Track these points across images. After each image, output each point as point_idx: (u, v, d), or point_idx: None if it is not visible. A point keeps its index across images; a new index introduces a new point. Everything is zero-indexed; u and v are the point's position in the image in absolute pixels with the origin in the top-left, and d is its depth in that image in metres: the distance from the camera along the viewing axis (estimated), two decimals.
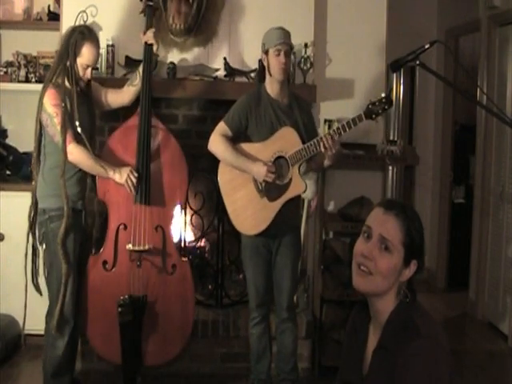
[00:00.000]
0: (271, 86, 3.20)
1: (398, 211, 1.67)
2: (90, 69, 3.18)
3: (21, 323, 3.90)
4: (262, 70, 3.35)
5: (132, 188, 3.23)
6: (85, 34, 3.14)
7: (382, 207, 1.69)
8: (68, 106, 3.09)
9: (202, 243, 4.19)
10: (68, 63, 3.12)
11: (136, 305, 3.21)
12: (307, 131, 3.22)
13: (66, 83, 3.14)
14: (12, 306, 3.86)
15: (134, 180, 3.22)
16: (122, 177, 3.21)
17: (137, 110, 3.39)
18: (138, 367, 3.29)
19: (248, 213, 3.20)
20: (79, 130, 3.12)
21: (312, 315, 3.88)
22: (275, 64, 3.14)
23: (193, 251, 4.13)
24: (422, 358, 1.56)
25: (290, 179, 3.13)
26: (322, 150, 3.03)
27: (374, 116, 3.03)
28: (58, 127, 3.06)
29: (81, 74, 3.15)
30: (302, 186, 3.14)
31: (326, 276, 3.86)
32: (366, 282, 1.67)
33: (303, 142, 3.12)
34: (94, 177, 3.32)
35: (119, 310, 3.15)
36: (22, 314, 3.83)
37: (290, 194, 3.14)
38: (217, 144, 3.20)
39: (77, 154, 3.11)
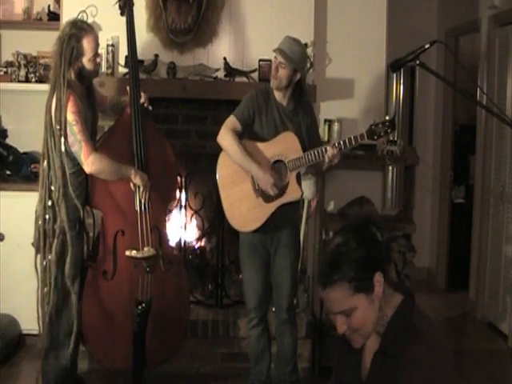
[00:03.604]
0: (275, 90, 3.21)
1: (331, 279, 1.61)
2: (98, 56, 3.11)
3: (21, 323, 3.92)
4: None
5: (146, 195, 3.19)
6: (76, 35, 3.04)
7: (320, 286, 1.65)
8: (83, 111, 3.04)
9: (202, 243, 4.19)
10: (76, 66, 3.05)
11: (146, 310, 3.19)
12: (310, 135, 3.21)
13: (73, 79, 3.09)
14: (12, 306, 3.86)
15: (148, 187, 3.19)
16: (143, 179, 3.17)
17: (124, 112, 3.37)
18: (144, 367, 3.28)
19: (242, 209, 3.20)
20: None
21: (312, 315, 3.89)
22: (272, 68, 3.16)
23: (193, 251, 4.13)
24: (425, 361, 1.56)
25: (287, 184, 3.13)
26: (326, 159, 3.05)
27: (375, 137, 3.03)
28: (78, 136, 2.99)
29: (92, 67, 3.09)
30: (298, 192, 3.15)
31: None
32: (358, 340, 1.68)
33: (304, 148, 3.12)
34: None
35: (138, 320, 3.09)
36: (22, 314, 3.85)
37: (285, 198, 3.14)
38: (226, 138, 3.15)
39: (98, 164, 3.03)
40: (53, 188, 3.06)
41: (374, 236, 1.66)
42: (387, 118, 3.06)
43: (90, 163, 3.02)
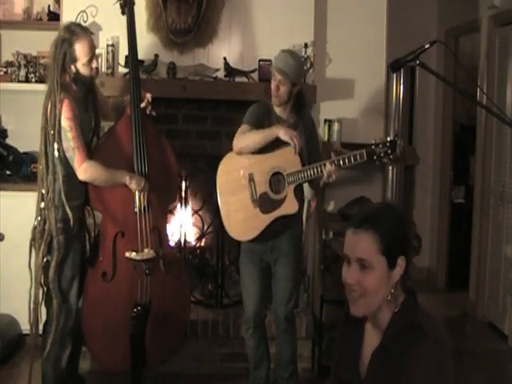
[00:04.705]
0: (275, 105, 3.20)
1: (366, 225, 1.64)
2: (93, 60, 3.08)
3: (21, 323, 3.92)
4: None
5: (144, 197, 3.18)
6: (68, 39, 3.01)
7: (351, 228, 1.67)
8: (78, 115, 3.02)
9: (202, 243, 4.19)
10: (70, 71, 3.03)
11: (144, 312, 3.17)
12: (309, 151, 3.19)
13: (69, 82, 3.07)
14: (12, 306, 3.86)
15: (146, 189, 3.18)
16: (140, 184, 3.16)
17: (124, 112, 3.35)
18: (144, 368, 3.27)
19: (239, 218, 3.19)
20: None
21: (312, 315, 3.89)
22: (272, 86, 3.14)
23: (193, 251, 4.13)
24: (432, 359, 1.56)
25: (285, 197, 3.12)
26: (324, 174, 3.02)
27: (375, 158, 2.95)
28: (72, 142, 2.98)
29: (87, 72, 3.07)
30: (294, 206, 3.13)
31: (325, 276, 3.86)
32: (359, 306, 1.67)
33: (303, 163, 3.11)
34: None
35: (133, 322, 3.08)
36: (22, 314, 3.84)
37: (281, 211, 3.12)
38: (240, 138, 3.13)
39: (91, 172, 3.03)
40: (43, 191, 3.06)
41: (408, 228, 1.72)
42: (388, 138, 2.96)
43: (83, 171, 3.02)
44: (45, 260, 3.07)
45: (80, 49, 3.02)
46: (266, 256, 3.23)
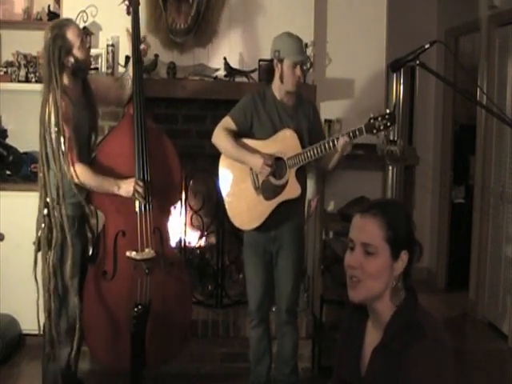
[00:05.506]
0: (279, 90, 3.18)
1: (375, 210, 1.66)
2: (85, 41, 3.13)
3: (21, 323, 3.92)
4: (269, 72, 3.26)
5: (141, 199, 3.17)
6: (59, 34, 3.03)
7: (358, 213, 1.69)
8: (74, 117, 3.02)
9: (202, 243, 4.19)
10: (70, 63, 3.04)
11: (145, 311, 3.17)
12: (311, 134, 3.20)
13: (66, 82, 3.08)
14: (12, 306, 3.86)
15: (141, 190, 3.15)
16: (128, 192, 3.13)
17: (126, 112, 3.35)
18: (144, 369, 3.27)
19: (243, 207, 3.20)
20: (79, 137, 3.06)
21: (312, 315, 3.89)
22: (289, 76, 3.12)
23: (193, 251, 4.13)
24: (431, 359, 1.55)
25: (287, 181, 3.13)
26: (338, 149, 3.03)
27: (375, 131, 3.00)
28: (66, 146, 2.98)
29: (84, 55, 3.08)
30: (297, 190, 3.14)
31: (325, 276, 3.86)
32: (358, 290, 1.66)
33: (304, 145, 3.12)
34: None
35: (134, 321, 3.08)
36: (22, 314, 3.85)
37: (284, 196, 3.14)
38: (219, 136, 3.19)
39: (81, 176, 3.03)
40: (48, 200, 3.05)
41: (413, 227, 1.72)
42: (387, 110, 3.01)
43: (73, 173, 3.02)
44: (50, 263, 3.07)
45: (72, 34, 3.04)
46: (269, 246, 3.23)
